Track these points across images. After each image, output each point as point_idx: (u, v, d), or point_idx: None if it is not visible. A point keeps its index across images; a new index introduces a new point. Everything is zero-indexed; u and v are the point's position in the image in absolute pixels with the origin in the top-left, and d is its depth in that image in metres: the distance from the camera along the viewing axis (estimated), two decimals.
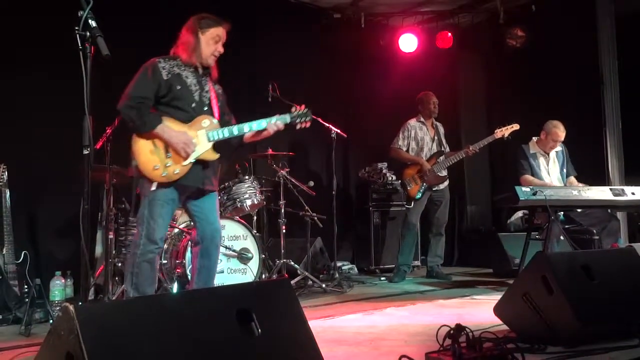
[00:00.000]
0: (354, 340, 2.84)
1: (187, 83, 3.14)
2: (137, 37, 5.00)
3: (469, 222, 7.36)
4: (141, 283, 3.04)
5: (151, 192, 3.03)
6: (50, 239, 4.66)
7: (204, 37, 3.17)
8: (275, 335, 1.76)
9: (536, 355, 2.24)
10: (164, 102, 3.10)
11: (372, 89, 6.96)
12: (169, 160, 3.05)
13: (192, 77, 3.17)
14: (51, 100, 4.58)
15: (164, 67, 3.09)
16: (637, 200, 4.28)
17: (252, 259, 4.49)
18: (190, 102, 3.14)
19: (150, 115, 3.05)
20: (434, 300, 4.17)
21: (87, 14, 2.25)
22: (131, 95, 3.03)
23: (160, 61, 3.11)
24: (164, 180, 3.04)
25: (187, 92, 3.13)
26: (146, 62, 3.12)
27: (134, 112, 3.01)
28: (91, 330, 1.46)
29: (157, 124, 3.02)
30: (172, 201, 3.11)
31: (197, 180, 3.17)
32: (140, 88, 3.05)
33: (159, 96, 3.09)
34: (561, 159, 5.19)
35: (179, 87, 3.10)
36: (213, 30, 3.17)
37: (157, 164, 3.04)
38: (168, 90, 3.08)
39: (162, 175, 3.03)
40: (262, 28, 5.72)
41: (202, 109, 3.19)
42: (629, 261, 2.75)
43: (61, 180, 4.45)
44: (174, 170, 3.06)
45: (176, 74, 3.11)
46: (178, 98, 3.11)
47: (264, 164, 5.23)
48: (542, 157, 5.16)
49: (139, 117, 3.01)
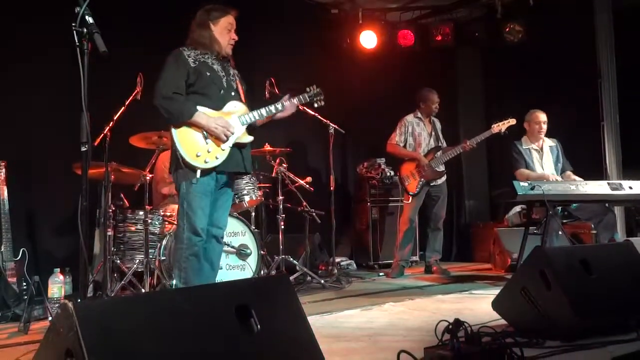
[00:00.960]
0: (352, 335, 2.84)
1: (214, 69, 3.19)
2: (136, 35, 5.00)
3: (467, 217, 7.38)
4: (190, 277, 3.07)
5: (190, 184, 3.06)
6: (49, 236, 4.66)
7: (217, 28, 3.22)
8: (275, 332, 1.76)
9: (534, 350, 2.25)
10: (192, 90, 3.14)
11: (370, 84, 6.95)
12: (210, 146, 3.10)
13: (218, 64, 3.23)
14: (50, 97, 4.57)
15: (189, 55, 3.14)
16: (635, 195, 4.29)
17: (251, 255, 4.49)
18: (220, 88, 3.20)
19: (187, 104, 3.09)
20: (433, 295, 4.18)
21: (84, 10, 2.24)
22: (163, 87, 3.06)
23: (185, 49, 3.16)
24: (208, 167, 3.07)
25: (216, 77, 3.19)
26: (171, 52, 3.16)
27: (170, 102, 3.04)
28: (90, 327, 1.46)
29: (194, 111, 3.07)
30: (210, 192, 3.15)
31: (239, 165, 3.23)
32: (171, 78, 3.09)
33: (188, 84, 3.12)
34: (555, 153, 5.19)
35: (208, 73, 3.15)
36: (224, 20, 3.22)
37: (199, 152, 3.07)
38: (197, 77, 3.12)
39: (205, 161, 3.07)
40: (258, 24, 5.70)
41: (231, 94, 3.25)
42: (626, 255, 2.76)
43: (60, 177, 4.45)
44: (215, 155, 3.11)
45: (202, 62, 3.16)
46: (208, 85, 3.15)
47: (262, 160, 5.22)
48: (535, 152, 5.17)
49: (176, 107, 3.05)
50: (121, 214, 4.44)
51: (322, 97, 3.47)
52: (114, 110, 4.10)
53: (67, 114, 2.79)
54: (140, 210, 4.38)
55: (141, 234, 4.30)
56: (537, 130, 5.11)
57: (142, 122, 4.17)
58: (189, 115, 3.05)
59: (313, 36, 6.55)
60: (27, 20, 4.59)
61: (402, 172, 5.53)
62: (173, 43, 3.30)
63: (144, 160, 4.40)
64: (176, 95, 3.06)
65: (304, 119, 4.75)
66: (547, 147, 5.19)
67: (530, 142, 5.18)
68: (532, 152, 5.17)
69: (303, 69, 6.14)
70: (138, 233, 4.38)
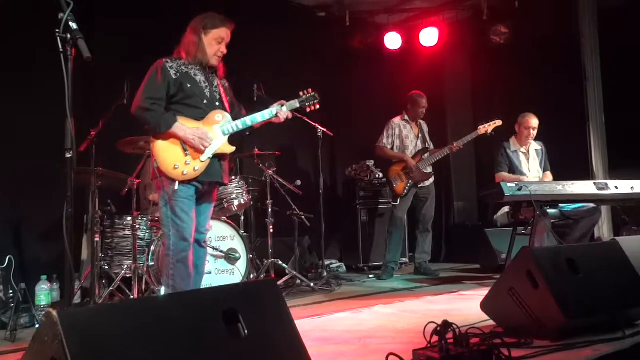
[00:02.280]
0: (342, 338, 2.84)
1: (197, 80, 3.17)
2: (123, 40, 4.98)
3: (455, 218, 7.41)
4: (178, 284, 3.05)
5: (172, 192, 3.05)
6: (36, 243, 4.61)
7: (207, 38, 3.18)
8: (262, 336, 1.76)
9: (522, 350, 2.26)
10: (175, 101, 3.13)
11: (358, 86, 6.96)
12: (188, 158, 3.09)
13: (201, 75, 3.21)
14: (35, 103, 4.53)
15: (171, 66, 3.12)
16: (621, 194, 4.33)
17: (240, 260, 4.48)
18: (202, 99, 3.18)
19: (165, 115, 3.08)
20: (422, 296, 4.19)
21: (68, 16, 2.22)
22: (143, 98, 3.06)
23: (168, 61, 3.14)
24: (186, 179, 3.07)
25: (198, 89, 3.17)
26: (153, 64, 3.14)
27: (148, 114, 3.04)
28: (75, 336, 1.44)
29: (172, 123, 3.06)
30: (192, 197, 3.13)
31: (217, 175, 3.21)
32: (151, 90, 3.07)
33: (170, 95, 3.11)
34: (540, 156, 5.28)
35: (189, 85, 3.13)
36: (216, 32, 3.18)
37: (177, 163, 3.07)
38: (179, 89, 3.11)
39: (183, 173, 3.06)
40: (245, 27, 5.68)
41: (214, 105, 3.23)
42: (612, 254, 2.78)
43: (46, 184, 4.41)
44: (194, 167, 3.09)
45: (185, 73, 3.14)
46: (190, 96, 3.14)
47: (251, 163, 5.22)
48: (522, 154, 5.24)
49: (153, 119, 3.04)
50: (109, 219, 4.41)
51: (316, 101, 3.43)
52: (100, 115, 4.07)
53: (54, 119, 2.77)
54: (128, 215, 4.36)
55: (129, 240, 4.28)
56: (526, 135, 5.18)
57: (129, 127, 4.15)
58: (166, 126, 3.04)
59: (300, 39, 6.55)
60: (11, 27, 4.55)
61: (389, 174, 5.55)
62: (161, 49, 3.28)
63: (131, 165, 4.38)
64: (154, 106, 3.04)
65: (293, 122, 4.73)
66: (534, 151, 5.26)
67: (518, 145, 5.24)
68: (519, 154, 5.22)
69: (290, 72, 6.14)
70: (126, 239, 4.35)
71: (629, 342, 2.33)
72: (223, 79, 3.39)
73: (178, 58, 3.18)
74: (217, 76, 3.33)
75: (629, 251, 2.80)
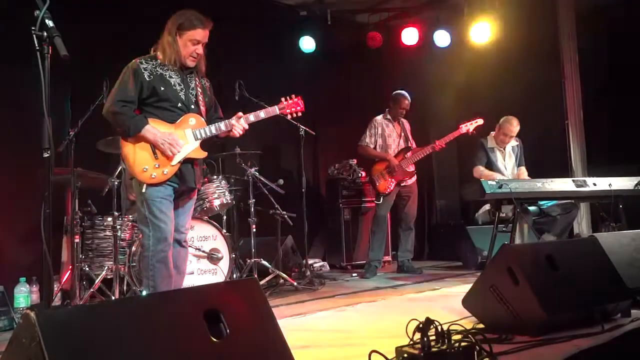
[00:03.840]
0: (325, 337, 2.85)
1: (171, 83, 3.12)
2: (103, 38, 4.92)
3: (438, 216, 7.46)
4: (158, 285, 3.02)
5: (148, 192, 3.02)
6: (14, 245, 4.53)
7: (181, 39, 3.11)
8: (244, 336, 1.75)
9: (503, 345, 2.28)
10: (148, 102, 3.09)
11: (340, 85, 6.97)
12: (157, 162, 3.05)
13: (176, 76, 3.15)
14: (10, 101, 4.46)
15: (145, 68, 3.07)
16: (599, 191, 4.39)
17: (223, 259, 4.46)
18: (175, 102, 3.13)
19: (135, 118, 3.02)
20: (405, 294, 4.21)
21: (44, 14, 2.19)
22: (114, 100, 3.01)
23: (142, 62, 3.09)
24: (154, 182, 3.03)
25: (171, 92, 3.11)
26: (128, 64, 3.08)
27: (118, 117, 3.00)
28: (54, 337, 1.42)
29: (142, 126, 3.01)
30: (170, 197, 3.10)
31: (189, 180, 3.17)
32: (122, 92, 3.03)
33: (142, 98, 3.06)
34: (516, 152, 5.37)
35: (162, 88, 3.08)
36: (191, 33, 3.10)
37: (146, 166, 3.03)
38: (152, 91, 3.06)
39: (151, 177, 3.03)
40: (226, 25, 5.66)
41: (189, 107, 3.17)
42: (591, 250, 2.82)
43: (23, 184, 4.34)
44: (163, 171, 3.05)
45: (159, 75, 3.09)
46: (163, 99, 3.09)
47: (233, 163, 5.19)
48: (498, 152, 5.34)
49: (122, 121, 3.00)
50: (89, 220, 4.36)
51: (299, 108, 3.41)
52: (79, 115, 4.02)
53: (30, 118, 2.73)
54: (108, 216, 4.31)
55: (110, 241, 4.24)
56: (502, 139, 5.27)
57: (108, 126, 4.09)
58: (135, 129, 3.00)
59: (282, 38, 6.54)
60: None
61: (372, 173, 5.57)
62: (140, 47, 3.24)
63: (112, 165, 4.33)
64: (124, 108, 2.99)
65: (275, 121, 4.72)
66: (510, 147, 5.35)
67: (495, 143, 5.31)
68: (495, 151, 5.33)
69: (272, 71, 6.12)
70: (107, 239, 4.31)
71: (607, 336, 2.37)
72: (204, 79, 3.33)
73: (154, 58, 3.13)
74: (197, 76, 3.28)
75: (607, 247, 2.85)
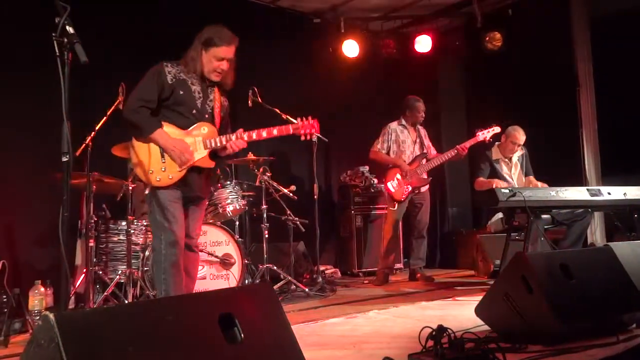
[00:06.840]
0: (337, 343, 2.84)
1: (191, 89, 3.16)
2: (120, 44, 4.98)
3: (450, 224, 7.43)
4: (171, 289, 3.04)
5: (158, 195, 3.05)
6: (30, 248, 4.58)
7: (207, 55, 3.16)
8: (259, 340, 1.76)
9: (517, 355, 2.27)
10: (166, 105, 3.13)
11: (353, 92, 6.98)
12: (164, 165, 3.07)
13: (198, 85, 3.19)
14: (30, 106, 4.52)
15: (170, 71, 3.12)
16: (614, 200, 4.36)
17: (235, 265, 4.48)
18: (191, 109, 3.16)
19: (150, 119, 3.07)
20: (417, 302, 4.19)
21: (65, 20, 2.23)
22: (134, 99, 3.07)
23: (167, 65, 3.15)
24: (159, 185, 3.06)
25: (189, 98, 3.15)
26: (154, 66, 3.14)
27: (135, 115, 3.04)
28: (72, 339, 1.44)
29: (155, 128, 3.05)
30: (179, 200, 3.12)
31: (194, 188, 3.19)
32: (143, 91, 3.08)
33: (162, 98, 3.10)
34: (522, 162, 5.32)
35: (181, 92, 3.12)
36: (216, 50, 3.14)
37: (153, 169, 3.06)
38: (171, 93, 3.10)
39: (156, 179, 3.06)
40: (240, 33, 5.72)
41: (203, 116, 3.20)
42: (606, 260, 2.80)
43: (40, 188, 4.39)
44: (169, 175, 3.08)
45: (182, 79, 3.14)
46: (180, 103, 3.13)
47: (246, 168, 5.22)
48: (503, 163, 5.29)
49: (138, 121, 3.04)
50: (103, 224, 4.40)
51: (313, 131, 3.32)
52: (96, 120, 4.07)
53: (49, 122, 2.76)
54: (122, 220, 4.35)
55: (124, 245, 4.27)
56: (510, 149, 5.25)
57: (124, 131, 4.14)
58: (149, 130, 3.04)
59: (295, 45, 6.57)
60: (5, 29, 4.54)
61: (387, 179, 5.54)
62: (157, 53, 3.28)
63: (127, 170, 4.37)
64: (142, 108, 3.04)
65: None
66: (516, 157, 5.31)
67: (500, 154, 5.28)
68: (500, 162, 5.28)
69: (286, 78, 6.16)
70: (120, 243, 4.34)
71: (622, 347, 2.35)
72: (223, 96, 3.36)
73: (180, 65, 3.19)
74: (219, 90, 3.31)
75: (622, 257, 2.82)
